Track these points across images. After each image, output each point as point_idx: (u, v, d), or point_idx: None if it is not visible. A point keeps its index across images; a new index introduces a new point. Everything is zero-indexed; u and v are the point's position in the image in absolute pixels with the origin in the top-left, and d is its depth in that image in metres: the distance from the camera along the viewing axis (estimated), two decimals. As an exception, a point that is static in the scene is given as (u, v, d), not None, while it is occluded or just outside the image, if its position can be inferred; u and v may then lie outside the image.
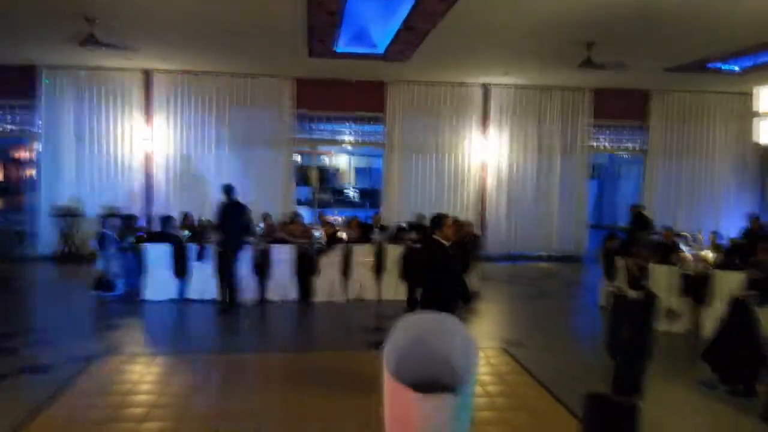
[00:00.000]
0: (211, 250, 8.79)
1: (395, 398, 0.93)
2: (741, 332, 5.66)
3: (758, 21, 7.08)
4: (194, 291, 9.02)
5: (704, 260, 8.41)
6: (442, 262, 5.23)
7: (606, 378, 2.05)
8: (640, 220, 10.82)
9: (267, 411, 5.11)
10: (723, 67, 10.23)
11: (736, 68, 10.25)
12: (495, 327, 8.34)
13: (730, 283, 7.41)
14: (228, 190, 8.64)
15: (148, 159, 12.35)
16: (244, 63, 11.27)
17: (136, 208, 12.01)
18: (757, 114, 5.48)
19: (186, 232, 9.63)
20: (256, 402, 5.30)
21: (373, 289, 9.38)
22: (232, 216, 8.53)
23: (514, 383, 5.95)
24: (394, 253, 9.45)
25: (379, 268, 9.44)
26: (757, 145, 12.71)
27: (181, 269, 8.99)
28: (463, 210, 12.88)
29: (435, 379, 0.91)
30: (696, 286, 7.97)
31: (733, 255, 8.07)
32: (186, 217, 10.26)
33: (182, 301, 8.96)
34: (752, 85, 6.11)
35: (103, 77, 12.08)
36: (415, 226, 10.77)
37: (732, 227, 11.69)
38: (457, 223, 10.72)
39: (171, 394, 5.46)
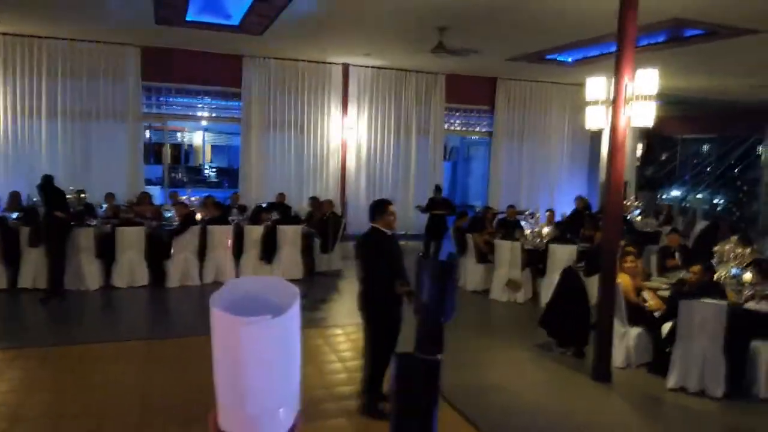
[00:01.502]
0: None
1: (221, 333, 0.93)
2: (571, 300, 6.32)
3: (589, 17, 7.83)
4: (27, 279, 8.12)
5: (541, 235, 9.24)
6: (389, 253, 4.68)
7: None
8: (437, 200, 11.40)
9: (116, 407, 4.77)
10: (558, 59, 11.21)
11: (569, 60, 11.29)
12: (355, 304, 8.49)
13: (563, 255, 8.23)
14: (48, 180, 8.00)
15: (-36, 131, 10.79)
16: (79, 27, 10.17)
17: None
18: (586, 102, 6.06)
19: (14, 214, 8.62)
20: (104, 397, 4.92)
21: (231, 272, 9.09)
22: (52, 200, 7.87)
23: (373, 358, 6.12)
24: (253, 233, 9.23)
25: (237, 250, 9.17)
26: (586, 130, 14.17)
27: (10, 256, 8.04)
28: (323, 189, 12.87)
29: None
30: (534, 259, 8.74)
31: (565, 230, 8.94)
32: (13, 196, 9.17)
33: (13, 291, 8.04)
34: (583, 75, 6.75)
35: None
36: (276, 205, 10.61)
37: (565, 205, 12.96)
38: (317, 202, 10.76)
39: (3, 393, 4.91)
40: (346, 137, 13.18)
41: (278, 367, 0.97)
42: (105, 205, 9.73)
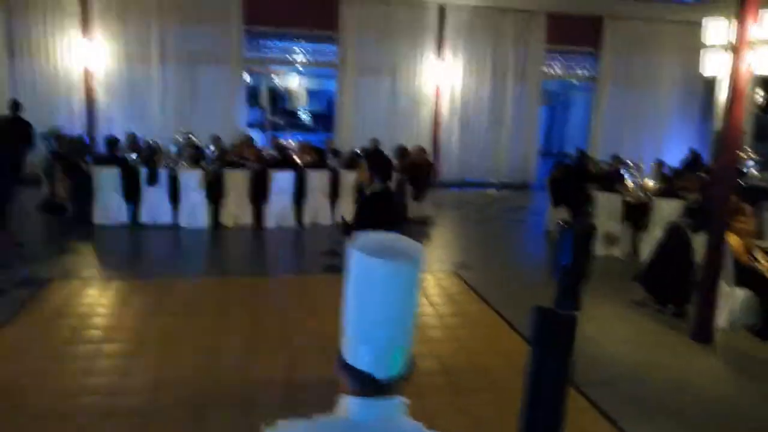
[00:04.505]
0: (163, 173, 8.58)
1: (360, 273, 1.12)
2: (676, 256, 6.07)
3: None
4: (146, 215, 8.85)
5: (645, 188, 8.82)
6: None
7: (549, 295, 2.31)
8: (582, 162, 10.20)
9: (226, 329, 5.23)
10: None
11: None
12: (446, 251, 8.62)
13: (668, 210, 7.84)
14: (14, 105, 8.47)
15: (87, 75, 11.68)
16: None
17: (77, 128, 11.45)
18: (704, 45, 5.61)
19: (134, 155, 9.34)
20: (214, 324, 5.40)
21: (327, 215, 9.43)
22: (11, 132, 8.37)
23: (462, 303, 6.27)
24: (348, 178, 9.47)
25: (334, 194, 9.47)
26: (699, 75, 13.09)
27: (131, 193, 8.78)
28: (416, 136, 12.87)
29: None
30: (636, 213, 8.39)
31: (673, 184, 8.47)
32: (132, 138, 9.91)
33: (134, 225, 8.81)
34: (701, 14, 6.20)
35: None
36: (371, 152, 10.75)
37: (673, 157, 12.21)
38: (404, 151, 10.76)
39: (130, 317, 5.50)
40: (441, 81, 12.99)
41: (403, 307, 1.13)
42: (213, 147, 10.28)
